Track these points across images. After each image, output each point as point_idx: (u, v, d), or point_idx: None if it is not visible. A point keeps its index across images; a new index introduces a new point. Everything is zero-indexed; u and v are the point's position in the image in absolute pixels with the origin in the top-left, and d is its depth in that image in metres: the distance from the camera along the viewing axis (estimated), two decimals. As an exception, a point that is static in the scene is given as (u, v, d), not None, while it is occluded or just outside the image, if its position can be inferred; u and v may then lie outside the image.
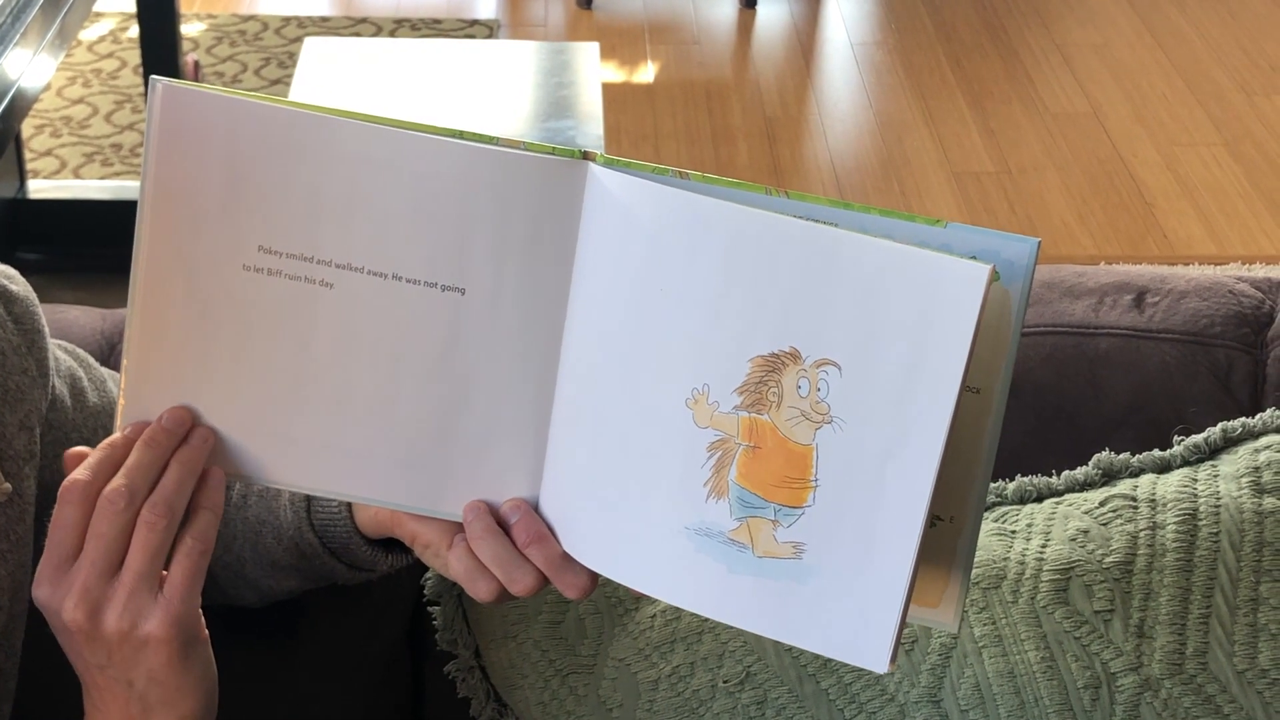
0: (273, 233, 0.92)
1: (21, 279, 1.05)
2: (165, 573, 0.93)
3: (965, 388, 0.83)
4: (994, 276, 0.83)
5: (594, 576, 0.95)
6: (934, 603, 0.93)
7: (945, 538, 0.92)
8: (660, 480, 0.90)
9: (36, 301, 1.05)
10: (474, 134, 0.91)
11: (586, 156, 0.91)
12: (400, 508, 0.98)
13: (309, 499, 1.07)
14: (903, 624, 0.86)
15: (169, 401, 0.94)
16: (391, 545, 1.08)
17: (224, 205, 0.91)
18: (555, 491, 0.95)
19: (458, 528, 0.97)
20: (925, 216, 0.86)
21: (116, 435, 0.94)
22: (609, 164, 0.90)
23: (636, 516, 0.91)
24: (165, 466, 0.93)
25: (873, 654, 0.86)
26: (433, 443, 0.95)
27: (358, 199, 0.91)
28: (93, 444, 1.08)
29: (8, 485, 0.98)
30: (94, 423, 1.09)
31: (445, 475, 0.96)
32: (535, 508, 0.96)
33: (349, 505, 1.05)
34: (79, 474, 0.92)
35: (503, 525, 0.96)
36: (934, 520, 0.91)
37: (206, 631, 0.95)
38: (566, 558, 0.94)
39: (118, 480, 0.91)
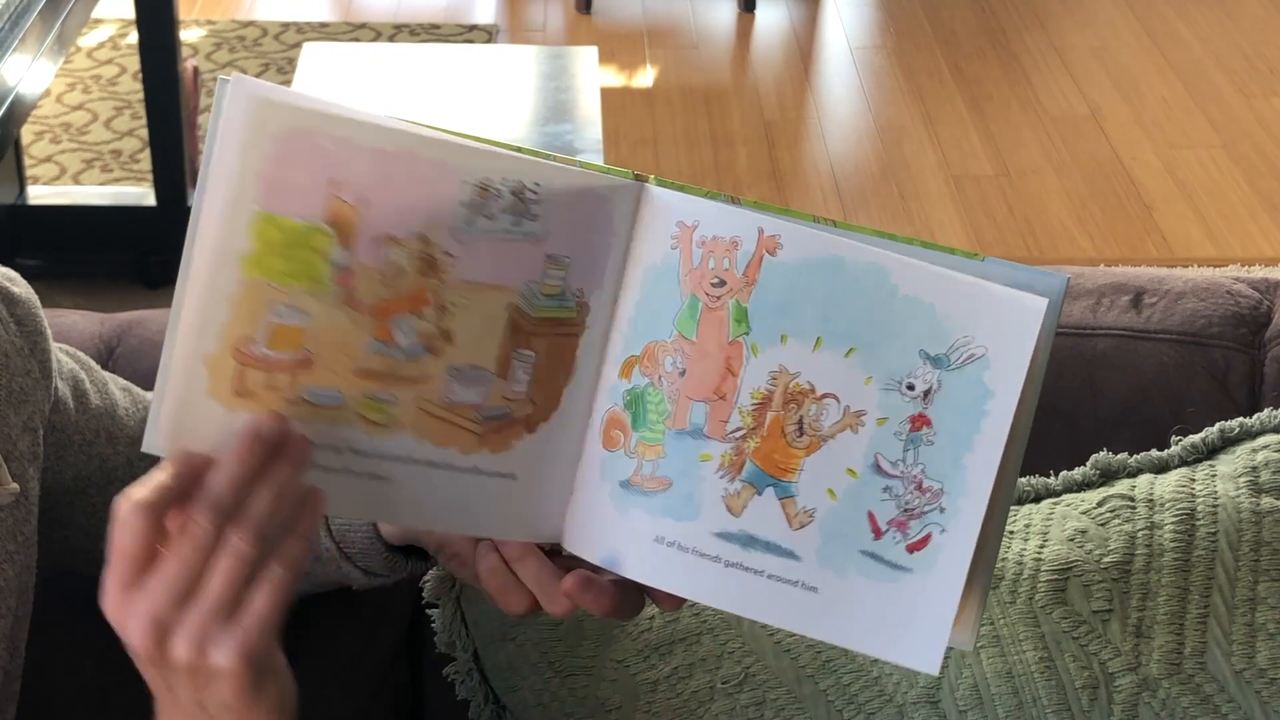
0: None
1: (23, 281, 1.05)
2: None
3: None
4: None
5: (614, 598, 0.95)
6: (954, 622, 0.94)
7: None
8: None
9: (38, 304, 1.05)
10: (531, 150, 0.90)
11: (639, 178, 0.92)
12: (439, 529, 0.97)
13: None
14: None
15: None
16: (411, 551, 1.08)
17: None
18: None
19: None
20: (963, 250, 0.89)
21: (196, 453, 0.85)
22: (661, 185, 0.92)
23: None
24: (257, 485, 0.84)
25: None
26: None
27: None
28: (95, 447, 1.08)
29: (14, 486, 0.98)
30: (96, 425, 1.09)
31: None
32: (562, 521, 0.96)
33: None
34: (159, 481, 0.83)
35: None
36: None
37: (283, 658, 0.88)
38: (591, 577, 0.95)
39: (207, 498, 0.83)
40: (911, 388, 0.89)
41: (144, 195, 3.27)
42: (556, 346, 0.92)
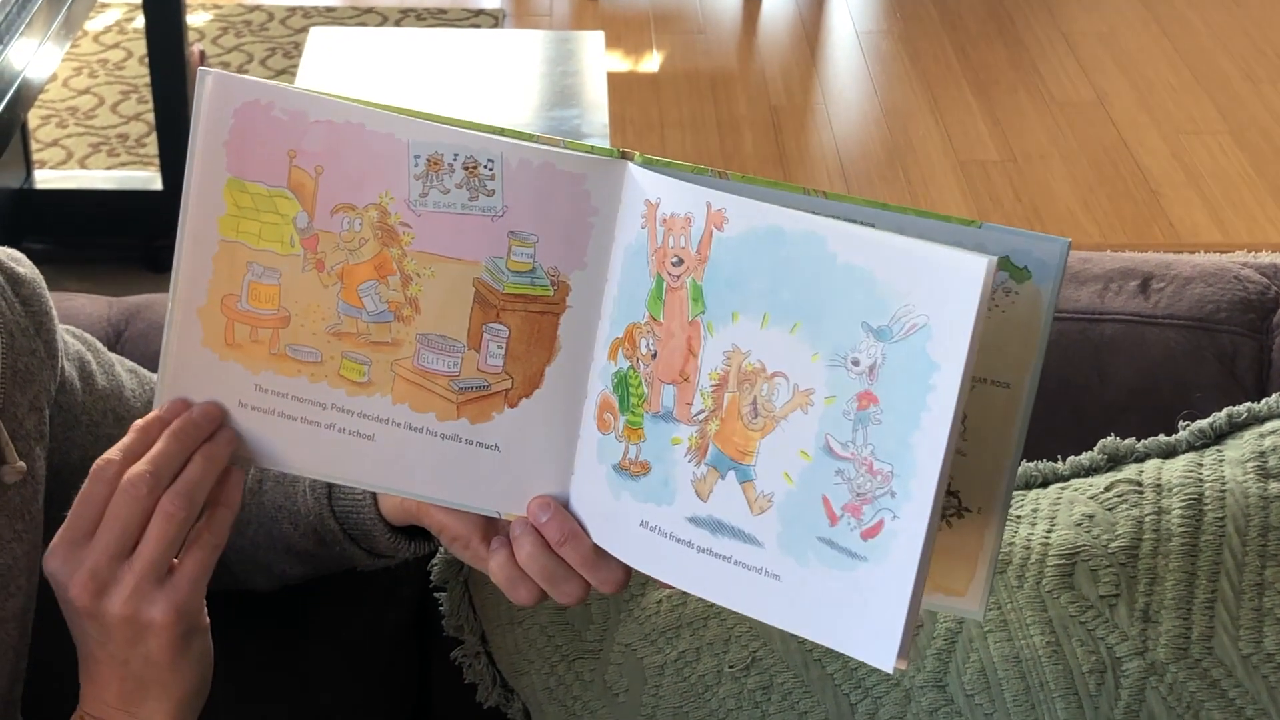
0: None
1: (28, 262, 1.06)
2: (175, 560, 0.93)
3: (991, 382, 0.86)
4: (1021, 271, 0.85)
5: (627, 571, 0.95)
6: (961, 591, 0.93)
7: (973, 528, 0.92)
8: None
9: (44, 284, 1.06)
10: (513, 131, 0.91)
11: (624, 155, 0.91)
12: (431, 500, 0.98)
13: (330, 485, 1.07)
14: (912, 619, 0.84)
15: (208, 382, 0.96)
16: (414, 532, 1.08)
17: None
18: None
19: (486, 521, 0.98)
20: (960, 217, 0.86)
21: (150, 416, 0.94)
22: (647, 163, 0.90)
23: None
24: (189, 459, 0.93)
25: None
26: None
27: None
28: (102, 428, 1.09)
29: (22, 465, 0.99)
30: (103, 405, 1.09)
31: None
32: (565, 504, 0.96)
33: (374, 493, 1.06)
34: (112, 454, 0.93)
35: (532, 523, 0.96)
36: (962, 511, 0.92)
37: (208, 620, 0.96)
38: (598, 553, 0.94)
39: (142, 465, 0.92)
40: (856, 363, 0.82)
41: (150, 179, 3.27)
42: (532, 323, 0.93)
